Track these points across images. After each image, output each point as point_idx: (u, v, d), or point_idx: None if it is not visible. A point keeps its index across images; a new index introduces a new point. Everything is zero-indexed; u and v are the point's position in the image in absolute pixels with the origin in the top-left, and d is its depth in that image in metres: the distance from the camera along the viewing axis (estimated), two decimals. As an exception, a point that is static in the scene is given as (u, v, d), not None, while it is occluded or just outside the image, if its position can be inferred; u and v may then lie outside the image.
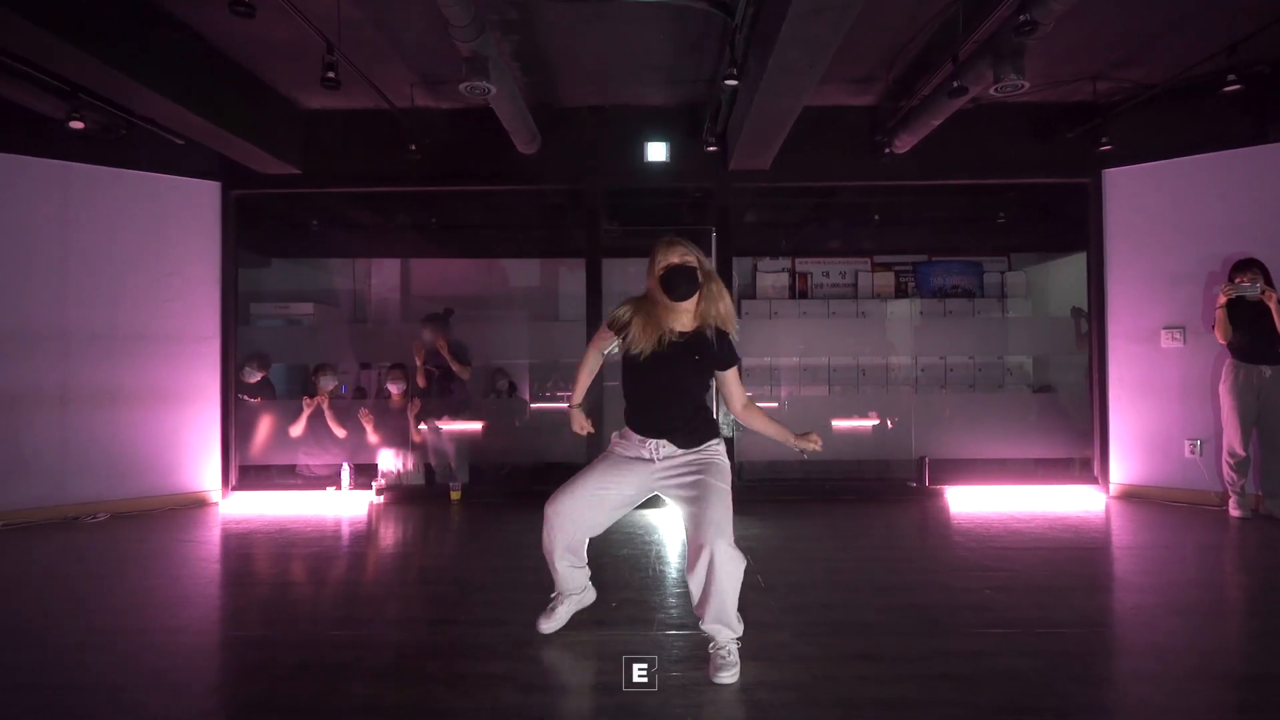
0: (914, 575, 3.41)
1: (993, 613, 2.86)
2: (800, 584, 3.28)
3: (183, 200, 5.17)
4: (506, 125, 4.71)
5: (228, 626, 2.97)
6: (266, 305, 6.72)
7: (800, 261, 7.36)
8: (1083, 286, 6.53)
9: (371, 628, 2.84)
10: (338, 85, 3.69)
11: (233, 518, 4.86)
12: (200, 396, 5.19)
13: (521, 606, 2.88)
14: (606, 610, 2.89)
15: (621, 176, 5.34)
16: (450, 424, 5.55)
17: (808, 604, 3.01)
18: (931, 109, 4.37)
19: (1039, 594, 3.10)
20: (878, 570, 3.52)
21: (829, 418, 5.78)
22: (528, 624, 2.70)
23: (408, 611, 3.07)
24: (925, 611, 2.89)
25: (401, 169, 5.23)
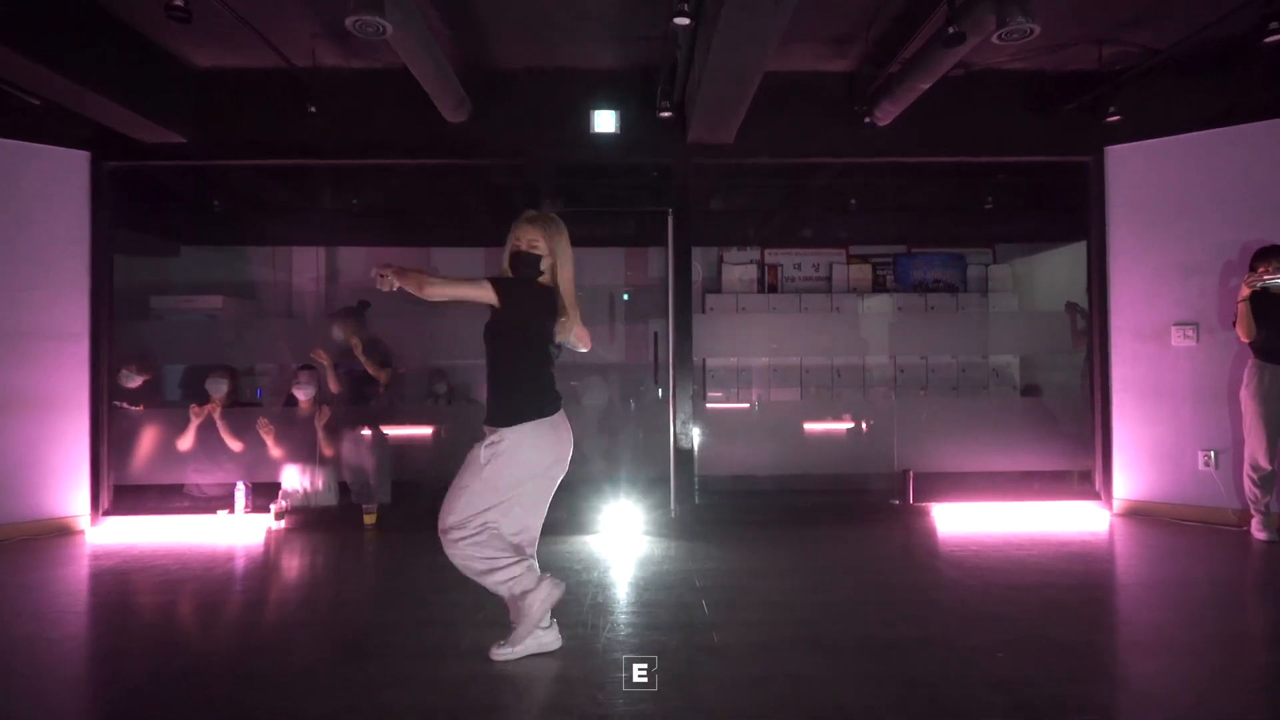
0: (906, 627, 2.77)
1: (1012, 690, 2.22)
2: (763, 644, 2.61)
3: (43, 172, 4.36)
4: (426, 86, 4.00)
5: (85, 691, 2.24)
6: (171, 298, 5.92)
7: (770, 252, 6.74)
8: (1073, 280, 5.99)
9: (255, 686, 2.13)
10: (188, 18, 2.96)
11: (102, 548, 4.08)
12: (65, 404, 4.39)
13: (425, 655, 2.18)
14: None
15: (566, 150, 4.65)
16: (366, 435, 4.81)
17: (771, 675, 2.35)
18: (920, 69, 3.75)
19: (1061, 656, 2.48)
20: (861, 620, 2.87)
21: (802, 424, 5.16)
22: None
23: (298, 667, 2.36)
24: (927, 688, 2.25)
25: (307, 138, 4.49)
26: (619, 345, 6.74)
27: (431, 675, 2.37)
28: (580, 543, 4.09)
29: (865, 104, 4.31)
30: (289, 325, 6.09)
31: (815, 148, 4.67)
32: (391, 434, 5.00)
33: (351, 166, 4.89)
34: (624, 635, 2.69)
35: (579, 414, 5.83)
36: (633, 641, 2.62)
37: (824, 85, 4.58)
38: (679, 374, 4.60)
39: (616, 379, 6.43)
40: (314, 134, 4.45)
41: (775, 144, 4.61)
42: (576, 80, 4.58)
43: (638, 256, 6.89)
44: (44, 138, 4.36)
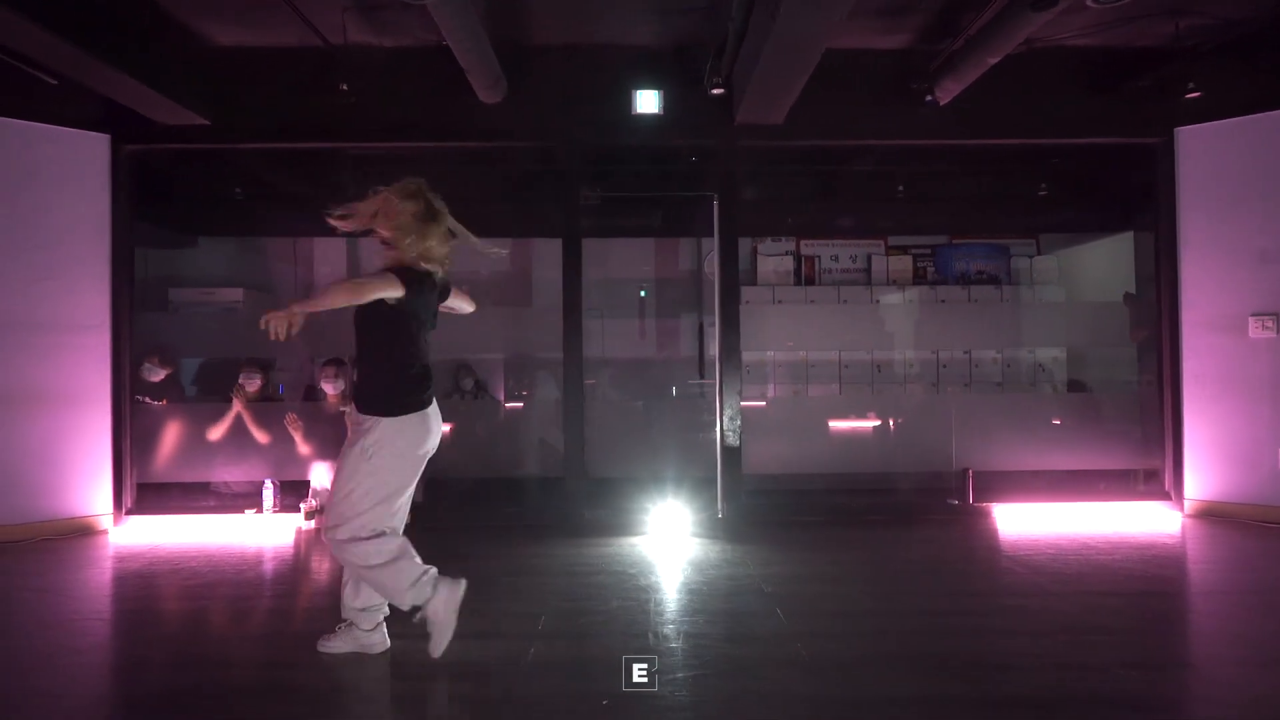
0: (1004, 641, 2.55)
1: (1150, 712, 1.99)
2: (853, 661, 2.39)
3: (60, 156, 4.17)
4: (463, 61, 3.78)
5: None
6: (190, 291, 5.73)
7: (806, 243, 6.50)
8: (1122, 271, 5.77)
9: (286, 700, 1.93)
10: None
11: (126, 549, 3.90)
12: (86, 399, 4.20)
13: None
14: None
15: (605, 132, 4.42)
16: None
17: (868, 698, 2.12)
18: (991, 40, 3.51)
19: (1190, 675, 2.25)
20: (952, 634, 2.64)
21: (849, 420, 4.93)
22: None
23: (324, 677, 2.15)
24: (1047, 712, 2.02)
25: (334, 119, 4.28)
26: (649, 340, 6.54)
27: (479, 690, 2.16)
28: (628, 545, 3.88)
29: (927, 81, 4.07)
30: (311, 318, 5.88)
31: (868, 129, 4.43)
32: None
33: (378, 151, 4.66)
34: (701, 649, 2.46)
35: (614, 411, 5.62)
36: (711, 657, 2.40)
37: (875, 63, 4.34)
38: (725, 369, 4.37)
39: (651, 375, 6.22)
40: (342, 115, 4.24)
41: (827, 125, 4.37)
42: (615, 58, 4.35)
43: (667, 247, 6.67)
44: (62, 120, 4.17)
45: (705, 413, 5.15)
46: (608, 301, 6.20)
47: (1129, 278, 5.73)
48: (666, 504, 4.31)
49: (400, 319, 2.37)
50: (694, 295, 6.53)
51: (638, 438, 5.20)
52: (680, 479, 4.63)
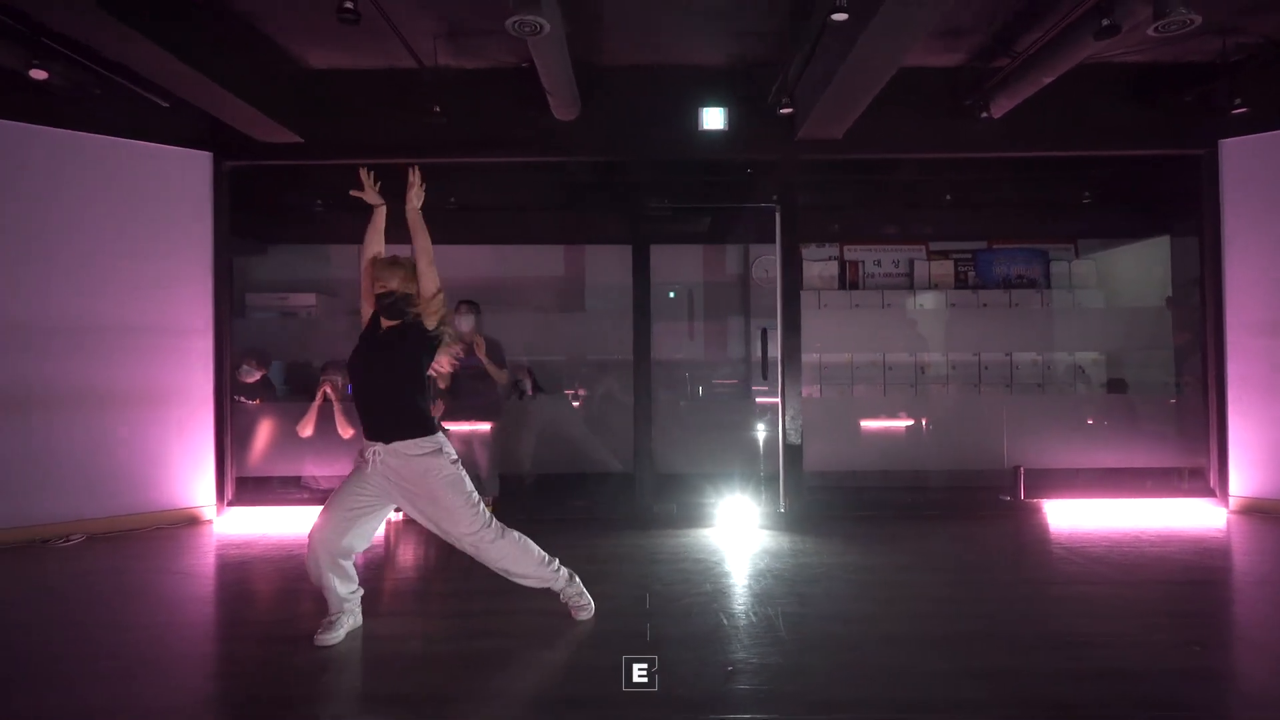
0: (1079, 622, 2.77)
1: (1222, 682, 2.22)
2: (943, 637, 2.63)
3: (168, 172, 4.47)
4: (547, 84, 4.04)
5: (221, 679, 2.32)
6: (263, 295, 6.04)
7: (849, 248, 6.72)
8: (1156, 275, 5.95)
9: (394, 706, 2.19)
10: (356, 19, 3.04)
11: (230, 539, 4.19)
12: (191, 398, 4.51)
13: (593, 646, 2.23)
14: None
15: (671, 147, 4.68)
16: (477, 430, 4.88)
17: (960, 670, 2.37)
18: (1046, 62, 3.73)
19: (1254, 650, 2.47)
20: (1034, 617, 2.87)
21: (905, 419, 5.16)
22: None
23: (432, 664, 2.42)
24: (1132, 680, 2.25)
25: (418, 137, 4.56)
26: (698, 343, 6.79)
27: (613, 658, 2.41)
28: (700, 536, 4.12)
29: (981, 97, 4.29)
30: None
31: (921, 142, 4.65)
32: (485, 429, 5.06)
33: (455, 165, 4.94)
34: (800, 626, 2.71)
35: (671, 410, 5.88)
36: (811, 633, 2.65)
37: (930, 80, 4.56)
38: (788, 370, 4.61)
39: (701, 375, 6.47)
40: (425, 133, 4.52)
41: (882, 139, 4.60)
42: (682, 77, 4.60)
43: (714, 253, 6.92)
44: (168, 139, 4.47)
45: (757, 412, 5.41)
46: (656, 305, 6.46)
47: (1165, 281, 5.93)
48: (729, 499, 4.56)
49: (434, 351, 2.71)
50: (741, 299, 6.79)
51: (695, 436, 5.45)
52: (739, 475, 4.88)
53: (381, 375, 2.61)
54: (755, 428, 5.51)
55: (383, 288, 2.63)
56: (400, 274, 2.64)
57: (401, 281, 2.63)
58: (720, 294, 6.81)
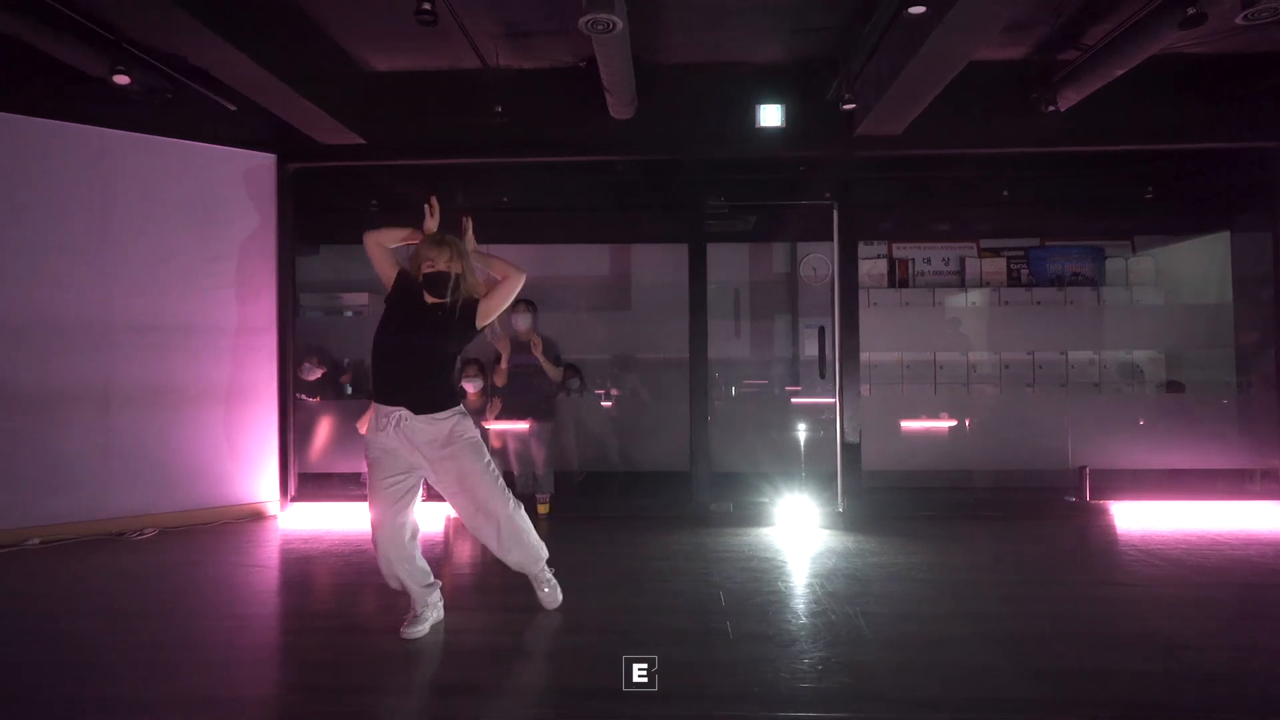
0: (1144, 624, 2.71)
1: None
2: (1033, 636, 2.59)
3: (235, 174, 4.57)
4: (608, 82, 4.05)
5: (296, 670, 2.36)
6: (318, 296, 6.14)
7: (898, 247, 6.65)
8: (1215, 272, 5.80)
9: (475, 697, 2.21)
10: (434, 20, 3.07)
11: (294, 534, 4.26)
12: (256, 395, 4.60)
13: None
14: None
15: (728, 145, 4.66)
16: (533, 428, 4.90)
17: (1069, 670, 2.32)
18: (1119, 53, 3.66)
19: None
20: (1118, 617, 2.81)
21: (963, 419, 5.09)
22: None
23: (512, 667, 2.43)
24: (1233, 683, 2.20)
25: (477, 138, 4.60)
26: (744, 341, 6.76)
27: (700, 656, 2.41)
28: (763, 535, 4.11)
29: (1048, 91, 4.21)
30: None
31: (982, 137, 4.59)
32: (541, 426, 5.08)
33: (512, 164, 4.99)
34: (881, 625, 2.69)
35: (721, 408, 5.87)
36: (893, 632, 2.63)
37: (991, 74, 4.48)
38: (845, 369, 4.57)
39: (750, 373, 6.45)
40: (483, 133, 4.56)
41: (942, 134, 4.54)
42: (740, 74, 4.59)
43: (761, 251, 6.89)
44: (234, 141, 4.57)
45: (804, 412, 5.38)
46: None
47: (1225, 278, 5.78)
48: (785, 498, 4.53)
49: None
50: (788, 297, 6.75)
51: (747, 434, 5.43)
52: (792, 474, 4.86)
53: (425, 350, 2.63)
54: (808, 427, 5.48)
55: (431, 266, 2.63)
56: (447, 253, 2.64)
57: (448, 261, 2.63)
58: (767, 292, 6.78)
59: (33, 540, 3.91)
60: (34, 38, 3.34)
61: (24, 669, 2.43)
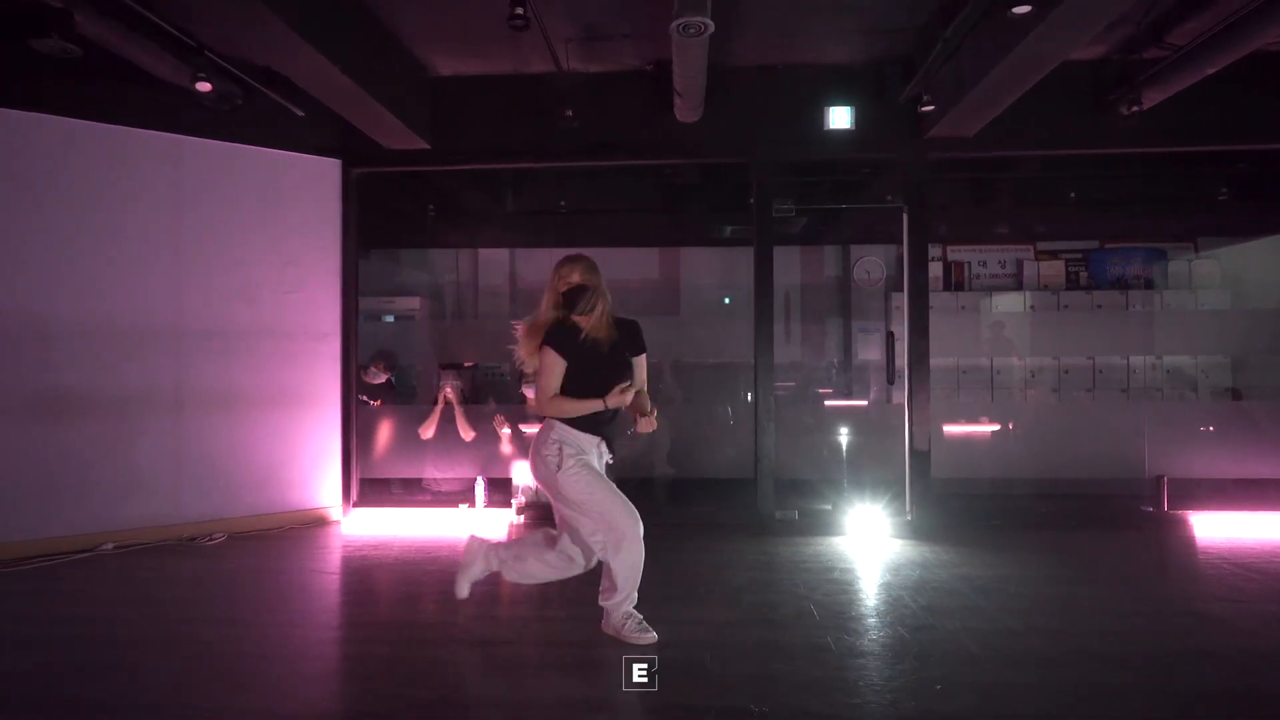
0: (1259, 640, 2.61)
1: None
2: (1132, 654, 2.50)
3: (301, 180, 4.58)
4: (680, 85, 4.01)
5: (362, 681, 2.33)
6: (371, 300, 6.14)
7: (953, 249, 6.55)
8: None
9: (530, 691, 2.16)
10: (525, 25, 3.04)
11: (357, 540, 4.25)
12: (320, 401, 4.60)
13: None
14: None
15: (795, 148, 4.61)
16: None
17: (1140, 684, 2.24)
18: (1221, 48, 3.55)
19: None
20: (1204, 633, 2.72)
21: (1035, 425, 4.99)
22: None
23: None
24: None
25: (542, 142, 4.58)
26: (793, 345, 6.69)
27: (808, 670, 2.35)
28: (835, 544, 4.03)
29: (1131, 91, 4.10)
30: (485, 325, 6.26)
31: (1060, 139, 4.48)
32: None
33: (576, 169, 4.96)
34: (990, 642, 2.61)
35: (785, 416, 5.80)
36: (997, 646, 2.56)
37: (1070, 74, 4.35)
38: (915, 377, 4.49)
39: (803, 379, 6.38)
40: (549, 137, 4.53)
41: (1017, 135, 4.44)
42: (807, 76, 4.52)
43: (813, 254, 6.81)
44: (301, 148, 4.57)
45: (860, 416, 5.30)
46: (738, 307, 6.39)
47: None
48: (851, 506, 4.44)
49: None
50: (840, 301, 6.67)
51: (802, 440, 5.35)
52: (855, 481, 4.78)
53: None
54: (865, 432, 5.40)
55: (566, 284, 2.62)
56: (580, 267, 2.64)
57: (582, 274, 2.62)
58: (819, 296, 6.71)
59: (107, 545, 3.93)
60: (121, 44, 3.34)
61: (92, 673, 2.43)
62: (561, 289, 2.61)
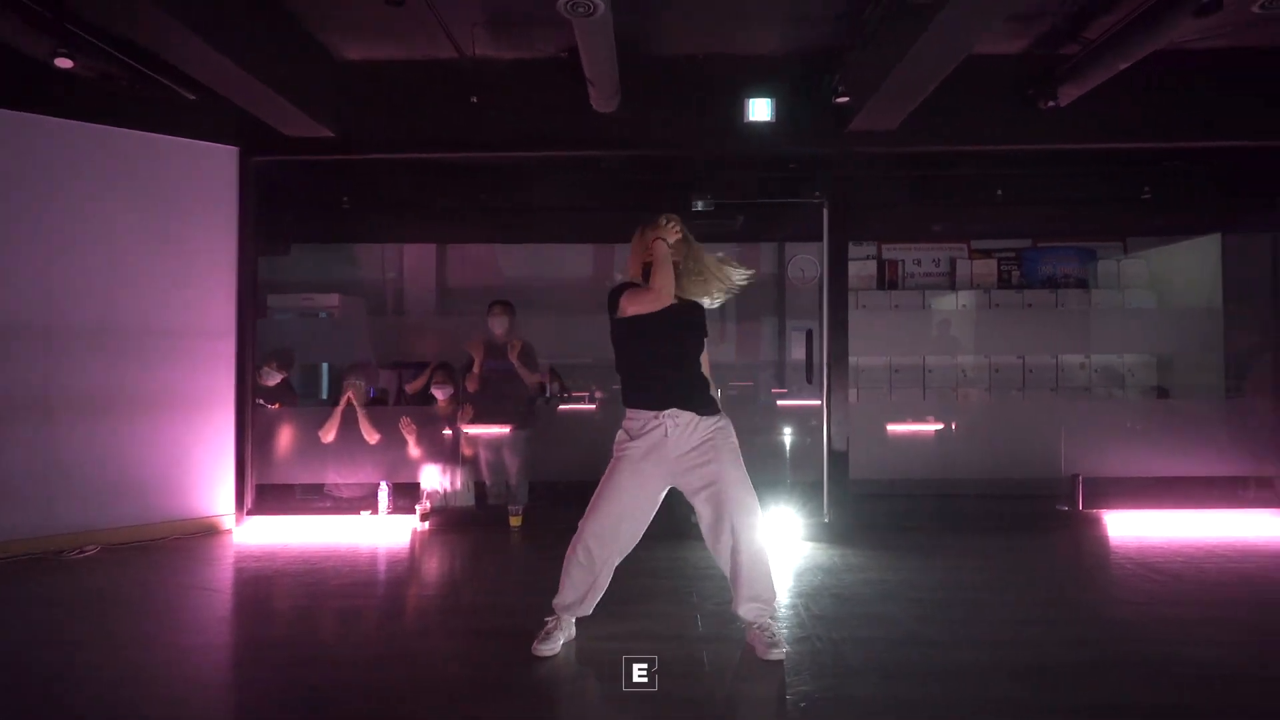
0: (1167, 648, 2.54)
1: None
2: (1039, 667, 2.41)
3: (194, 168, 4.31)
4: (590, 73, 3.84)
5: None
6: (287, 297, 5.87)
7: (888, 247, 6.49)
8: (1207, 275, 5.70)
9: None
10: (401, 1, 2.84)
11: (250, 549, 4.01)
12: (212, 403, 4.33)
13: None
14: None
15: (717, 141, 4.46)
16: (507, 436, 4.68)
17: (1046, 703, 2.14)
18: (1133, 42, 3.49)
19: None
20: (1113, 641, 2.64)
21: (953, 423, 4.93)
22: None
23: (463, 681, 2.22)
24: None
25: (455, 131, 4.37)
26: (729, 345, 6.57)
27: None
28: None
29: (1049, 86, 4.05)
30: (411, 324, 6.04)
31: (982, 134, 4.41)
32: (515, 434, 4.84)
33: (495, 161, 4.76)
34: (869, 650, 2.50)
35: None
36: (883, 659, 2.44)
37: (992, 68, 4.31)
38: (834, 374, 4.39)
39: (734, 378, 6.26)
40: (462, 127, 4.33)
41: (940, 130, 4.36)
42: (731, 67, 4.37)
43: (748, 252, 6.70)
44: (195, 133, 4.30)
45: (791, 416, 5.20)
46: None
47: (1215, 281, 5.67)
48: (769, 508, 4.32)
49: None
50: (776, 299, 6.57)
51: (741, 441, 5.23)
52: (778, 483, 4.67)
53: (694, 350, 2.54)
54: (793, 433, 5.30)
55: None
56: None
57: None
58: (754, 294, 6.59)
59: (-33, 558, 3.64)
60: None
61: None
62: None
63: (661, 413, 2.42)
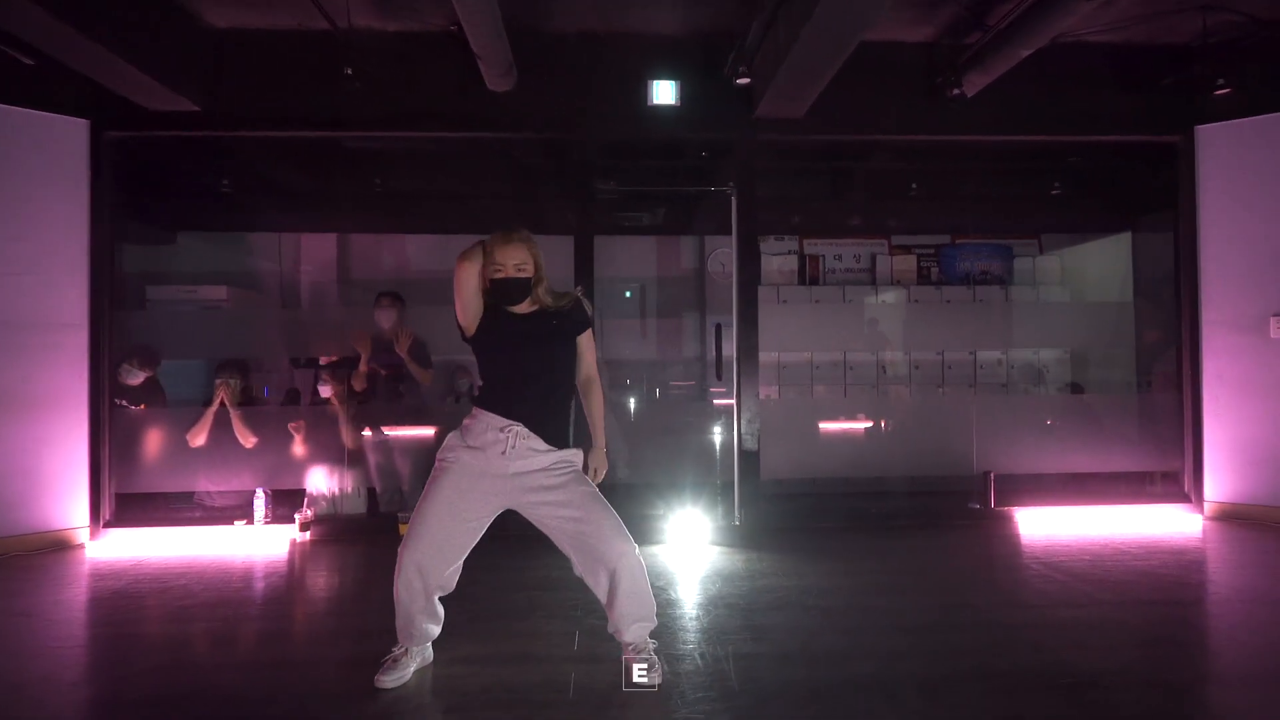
0: (1055, 655, 2.43)
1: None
2: (926, 679, 2.25)
3: (35, 142, 3.87)
4: (476, 47, 3.57)
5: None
6: (170, 288, 5.41)
7: (810, 242, 6.39)
8: (1119, 271, 5.78)
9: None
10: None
11: (104, 564, 3.62)
12: (62, 403, 3.91)
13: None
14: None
15: (619, 125, 4.25)
16: (401, 435, 4.37)
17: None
18: (1025, 33, 3.42)
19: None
20: (1004, 650, 2.52)
21: (869, 421, 4.82)
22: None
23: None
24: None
25: (334, 108, 4.04)
26: (650, 341, 6.38)
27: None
28: (648, 555, 3.68)
29: (954, 75, 3.96)
30: (300, 317, 5.64)
31: (890, 123, 4.31)
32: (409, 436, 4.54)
33: (374, 144, 4.44)
34: (754, 668, 2.30)
35: (621, 415, 5.46)
36: (765, 678, 2.25)
37: (901, 57, 4.23)
38: (744, 371, 4.22)
39: (653, 376, 6.07)
40: (343, 104, 3.99)
41: (848, 119, 4.25)
42: (634, 47, 4.18)
43: (669, 245, 6.52)
44: (37, 103, 3.87)
45: (713, 415, 5.03)
46: (607, 301, 6.05)
47: (1127, 278, 5.75)
48: (679, 511, 4.13)
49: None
50: (697, 294, 6.40)
51: (640, 442, 5.03)
52: (689, 484, 4.47)
53: (544, 367, 2.23)
54: (710, 432, 5.12)
55: (499, 271, 2.21)
56: (523, 249, 2.23)
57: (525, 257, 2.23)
58: (675, 289, 6.42)
59: None
60: None
61: None
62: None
63: (510, 424, 2.15)
